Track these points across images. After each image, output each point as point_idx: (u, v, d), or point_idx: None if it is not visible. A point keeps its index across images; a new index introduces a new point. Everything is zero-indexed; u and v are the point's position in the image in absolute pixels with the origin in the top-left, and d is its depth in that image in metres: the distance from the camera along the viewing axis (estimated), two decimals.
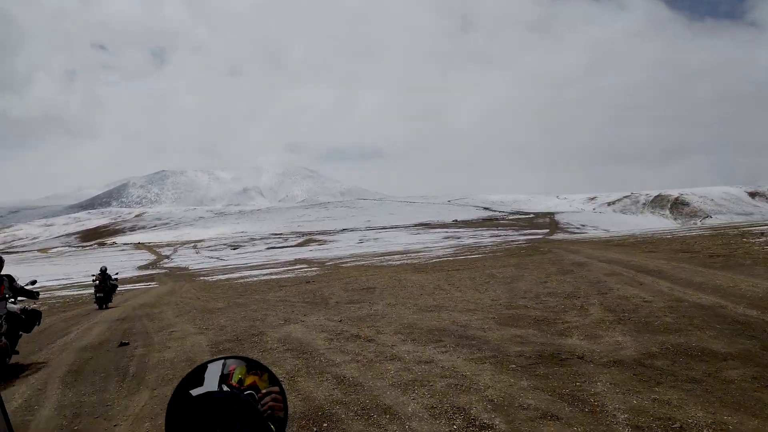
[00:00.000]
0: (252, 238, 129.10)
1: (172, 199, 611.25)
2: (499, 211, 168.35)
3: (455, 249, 44.27)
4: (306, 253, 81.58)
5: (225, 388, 1.06)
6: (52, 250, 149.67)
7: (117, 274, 19.92)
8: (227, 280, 30.26)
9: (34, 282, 9.58)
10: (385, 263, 32.06)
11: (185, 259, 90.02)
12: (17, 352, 8.05)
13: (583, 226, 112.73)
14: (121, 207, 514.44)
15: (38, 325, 8.47)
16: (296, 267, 37.28)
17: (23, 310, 8.16)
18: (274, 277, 28.02)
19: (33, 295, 8.75)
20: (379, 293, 14.90)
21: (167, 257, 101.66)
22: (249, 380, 1.08)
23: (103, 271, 17.47)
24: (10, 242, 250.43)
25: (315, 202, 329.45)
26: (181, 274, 47.49)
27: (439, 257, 32.89)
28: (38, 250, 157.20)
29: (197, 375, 1.07)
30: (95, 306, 17.13)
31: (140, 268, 74.36)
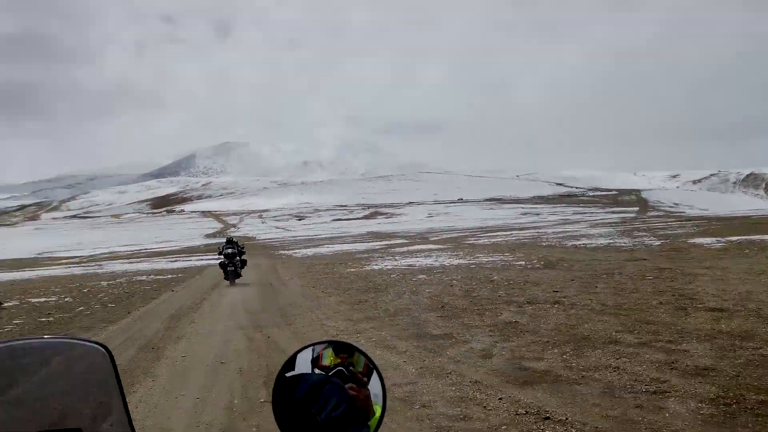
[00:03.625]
0: (317, 209, 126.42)
1: (237, 170, 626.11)
2: (576, 187, 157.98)
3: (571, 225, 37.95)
4: (375, 226, 77.34)
5: (317, 371, 1.12)
6: (124, 216, 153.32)
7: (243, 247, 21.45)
8: (331, 260, 21.71)
9: (243, 246, 17.10)
10: (522, 240, 26.40)
11: (252, 228, 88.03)
12: (239, 275, 15.78)
13: (677, 204, 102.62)
14: (189, 176, 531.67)
15: (246, 266, 16.60)
16: (399, 243, 32.11)
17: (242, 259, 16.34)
18: (413, 263, 18.14)
19: (243, 252, 16.34)
20: None
21: (234, 226, 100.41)
22: (337, 361, 1.14)
23: (230, 239, 20.91)
24: (87, 208, 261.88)
25: (375, 175, 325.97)
26: (252, 245, 43.61)
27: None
28: (111, 216, 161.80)
29: (290, 362, 1.15)
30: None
31: (207, 236, 72.48)
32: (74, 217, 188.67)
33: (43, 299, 13.54)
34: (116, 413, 1.04)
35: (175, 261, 27.96)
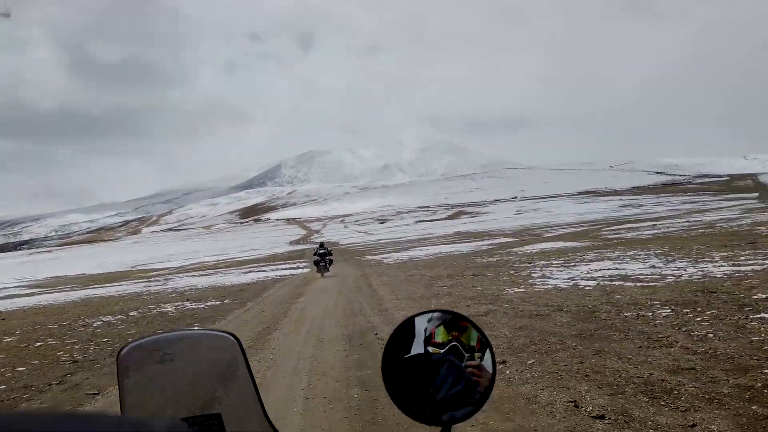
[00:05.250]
0: (399, 212, 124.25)
1: (319, 178, 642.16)
2: (679, 175, 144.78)
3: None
4: (461, 226, 73.57)
5: (431, 349, 1.14)
6: (214, 227, 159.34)
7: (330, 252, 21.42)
8: (448, 270, 16.12)
9: (331, 250, 20.36)
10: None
11: (334, 234, 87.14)
12: (328, 269, 18.67)
13: None
14: (275, 186, 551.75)
15: (331, 263, 19.59)
16: (509, 242, 28.58)
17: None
18: (616, 271, 11.72)
19: (331, 253, 19.79)
20: None
21: (317, 232, 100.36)
22: (449, 337, 1.16)
23: (322, 244, 21.01)
24: (183, 220, 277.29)
25: (456, 175, 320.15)
26: (336, 250, 41.55)
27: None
28: (202, 227, 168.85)
29: (405, 329, 1.17)
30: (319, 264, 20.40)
31: (291, 243, 72.01)
32: (170, 230, 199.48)
33: None
34: (250, 399, 1.12)
35: (248, 272, 25.25)
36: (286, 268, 25.75)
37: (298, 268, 25.57)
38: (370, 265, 22.77)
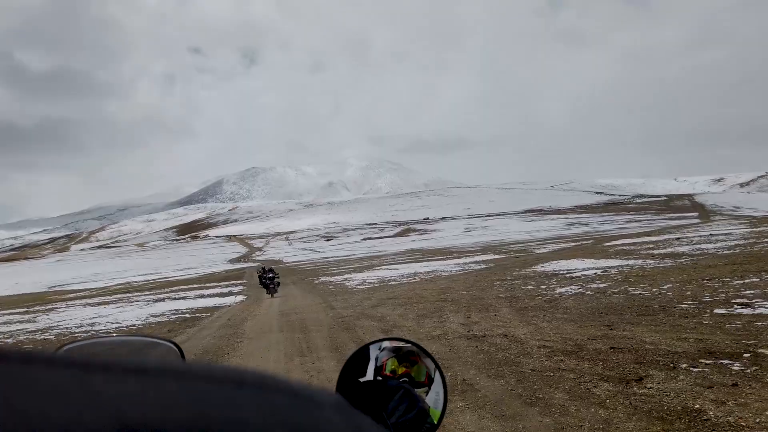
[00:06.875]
0: (345, 229, 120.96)
1: (262, 195, 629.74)
2: (618, 195, 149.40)
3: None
4: (411, 243, 71.22)
5: (380, 378, 1.15)
6: (148, 244, 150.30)
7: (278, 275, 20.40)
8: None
9: (278, 273, 20.12)
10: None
11: (278, 251, 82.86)
12: (276, 291, 18.56)
13: (738, 207, 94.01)
14: (216, 203, 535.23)
15: (279, 284, 19.22)
16: (500, 259, 25.45)
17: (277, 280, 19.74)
18: None
19: (276, 274, 19.26)
20: None
21: (259, 249, 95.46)
22: (401, 370, 1.16)
23: (271, 268, 20.33)
24: (116, 237, 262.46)
25: (399, 193, 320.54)
26: (280, 270, 37.85)
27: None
28: (135, 245, 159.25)
29: (360, 356, 1.16)
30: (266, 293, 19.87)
31: (231, 261, 67.35)
32: (100, 247, 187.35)
33: None
34: None
35: (160, 300, 20.08)
36: (213, 295, 20.32)
37: (230, 293, 20.74)
38: (331, 291, 17.30)
